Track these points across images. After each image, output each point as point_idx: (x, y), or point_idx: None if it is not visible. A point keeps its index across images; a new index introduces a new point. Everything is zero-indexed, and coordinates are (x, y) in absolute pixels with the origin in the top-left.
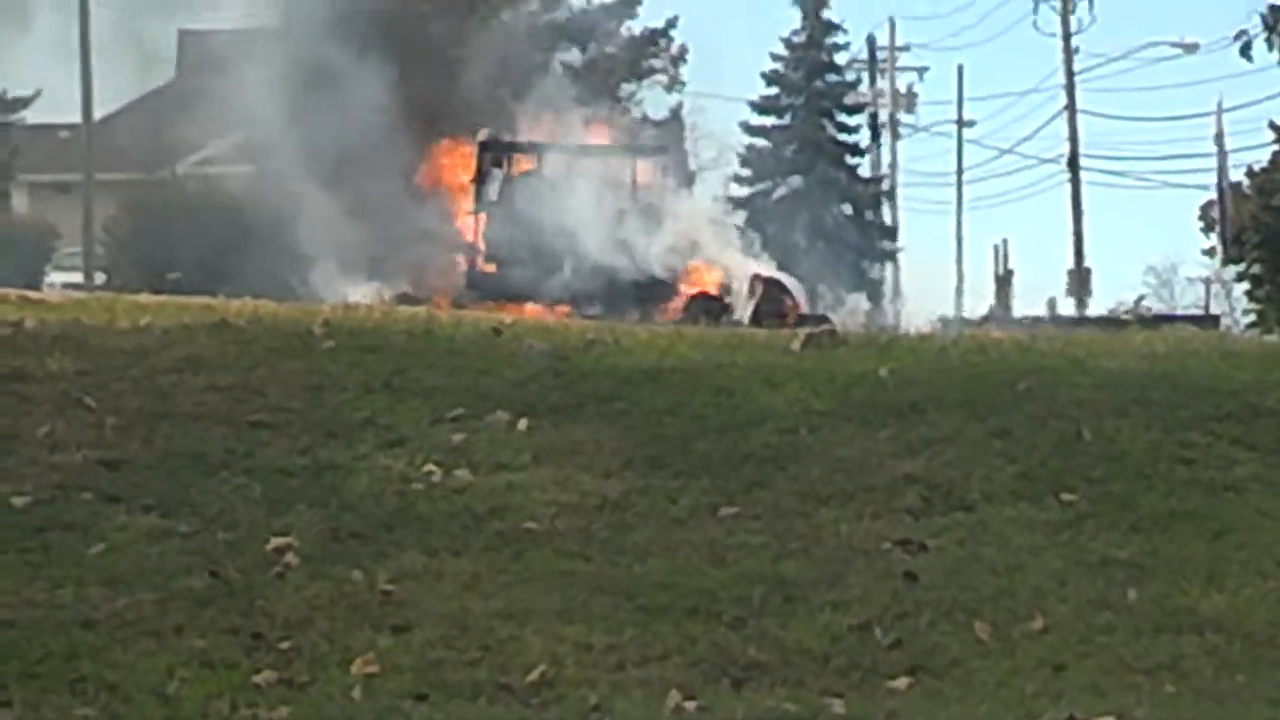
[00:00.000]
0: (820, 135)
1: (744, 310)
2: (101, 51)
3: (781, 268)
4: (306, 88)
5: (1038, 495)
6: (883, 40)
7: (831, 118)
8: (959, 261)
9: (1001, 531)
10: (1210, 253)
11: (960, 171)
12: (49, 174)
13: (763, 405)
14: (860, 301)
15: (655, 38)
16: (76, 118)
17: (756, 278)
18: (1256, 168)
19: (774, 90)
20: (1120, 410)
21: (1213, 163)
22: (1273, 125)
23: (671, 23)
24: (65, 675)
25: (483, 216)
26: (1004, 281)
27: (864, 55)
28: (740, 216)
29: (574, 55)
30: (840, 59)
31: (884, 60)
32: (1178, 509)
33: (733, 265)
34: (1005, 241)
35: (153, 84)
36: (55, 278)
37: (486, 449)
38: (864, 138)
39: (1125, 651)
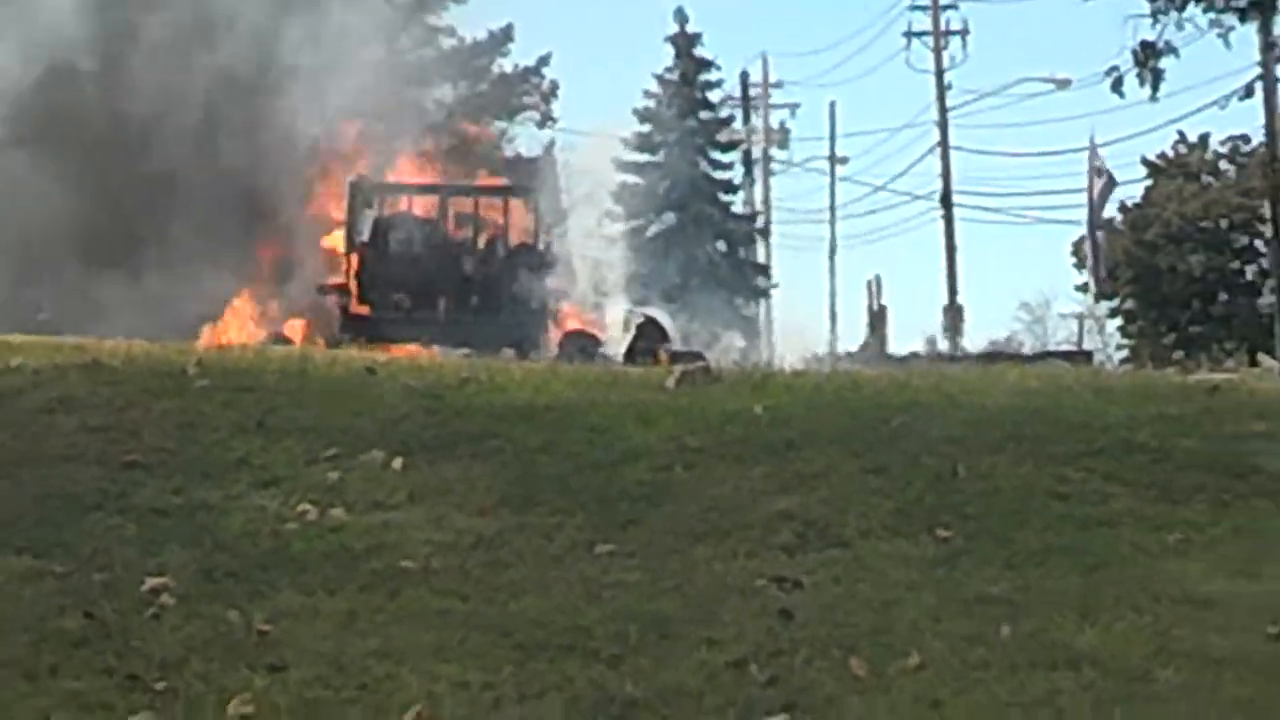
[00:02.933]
0: (694, 172)
1: (619, 347)
2: None
3: (656, 305)
4: (183, 120)
5: (913, 531)
6: (755, 77)
7: (705, 154)
8: (832, 298)
9: (877, 568)
10: (1083, 289)
11: (833, 208)
12: None
13: (637, 443)
14: (735, 339)
15: (527, 75)
16: None
17: (631, 315)
18: (1129, 204)
19: (647, 127)
20: (994, 446)
21: (1084, 199)
22: (1145, 161)
23: (544, 60)
24: None
25: (354, 257)
26: (878, 318)
27: (737, 92)
28: (614, 253)
29: (446, 92)
30: (713, 96)
31: (757, 97)
32: (1052, 544)
33: (607, 303)
34: (879, 278)
35: None
36: None
37: (361, 488)
38: (738, 174)
39: (1000, 688)
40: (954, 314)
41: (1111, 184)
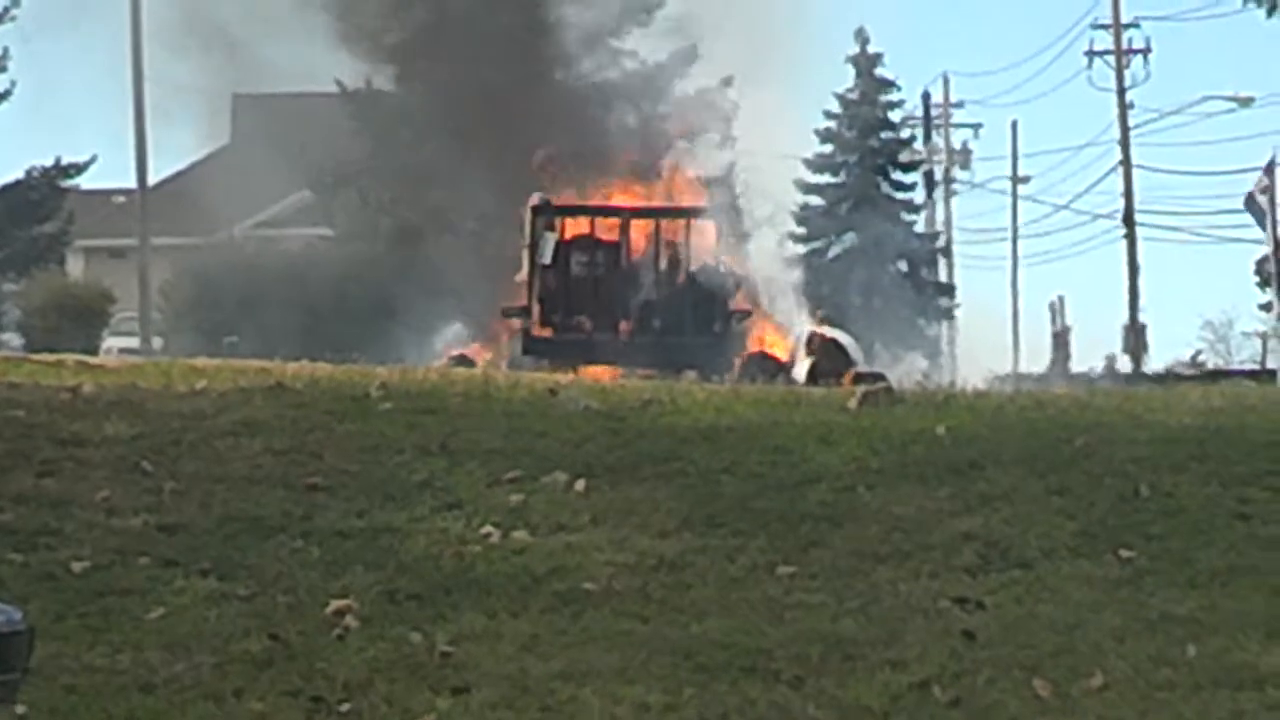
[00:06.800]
0: (875, 192)
1: (800, 368)
2: (156, 116)
3: (838, 326)
4: (365, 149)
5: (1096, 552)
6: (937, 97)
7: (886, 175)
8: (1015, 318)
9: (1060, 588)
10: (1267, 307)
11: (1015, 228)
12: (104, 239)
13: (820, 464)
14: (917, 359)
15: (708, 96)
16: (131, 183)
17: (813, 336)
18: None
19: (828, 148)
20: (1178, 466)
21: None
22: None
23: (725, 81)
24: None
25: (536, 280)
26: (1061, 338)
27: (918, 112)
28: (795, 274)
29: (628, 114)
30: (894, 116)
31: (938, 117)
32: (1236, 564)
33: (789, 324)
34: (1061, 298)
35: (207, 148)
36: (112, 342)
37: (544, 510)
38: (919, 195)
39: (1185, 708)
40: (1136, 333)
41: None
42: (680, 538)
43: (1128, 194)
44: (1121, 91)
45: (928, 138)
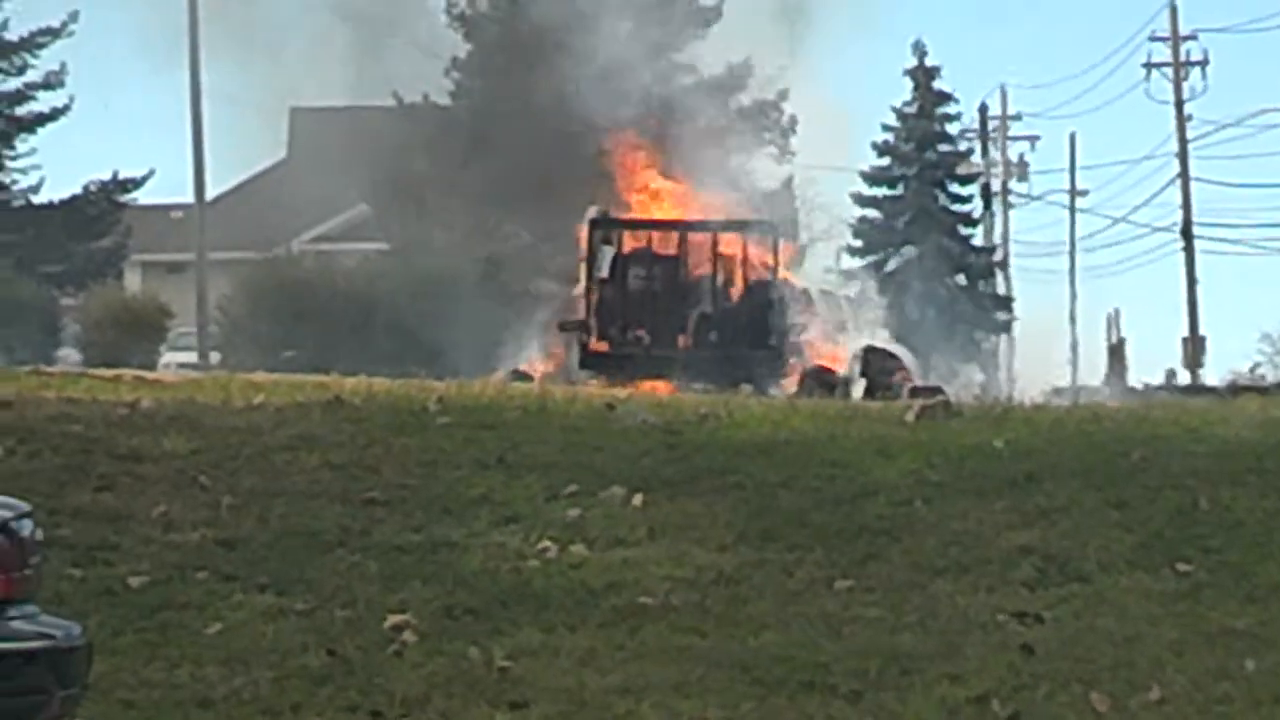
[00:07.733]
0: (932, 205)
1: (857, 382)
2: (214, 131)
3: (895, 339)
4: (423, 163)
5: (1154, 565)
6: (994, 109)
7: (943, 188)
8: (1073, 331)
9: (1118, 602)
10: None
11: (1073, 241)
12: (162, 254)
13: (877, 477)
14: (974, 372)
15: (765, 109)
16: (189, 197)
17: (870, 350)
18: None
19: (885, 161)
20: (1236, 479)
21: None
22: None
23: (782, 94)
24: None
25: (593, 294)
26: (1117, 351)
27: (975, 125)
28: (853, 288)
29: (684, 128)
30: (951, 129)
31: (995, 129)
32: None
33: (846, 338)
34: (1118, 311)
35: (265, 162)
36: (170, 357)
37: (601, 524)
38: (976, 208)
39: None
40: (1195, 345)
41: None
42: (738, 552)
43: (1186, 206)
44: (1179, 104)
45: (985, 150)
